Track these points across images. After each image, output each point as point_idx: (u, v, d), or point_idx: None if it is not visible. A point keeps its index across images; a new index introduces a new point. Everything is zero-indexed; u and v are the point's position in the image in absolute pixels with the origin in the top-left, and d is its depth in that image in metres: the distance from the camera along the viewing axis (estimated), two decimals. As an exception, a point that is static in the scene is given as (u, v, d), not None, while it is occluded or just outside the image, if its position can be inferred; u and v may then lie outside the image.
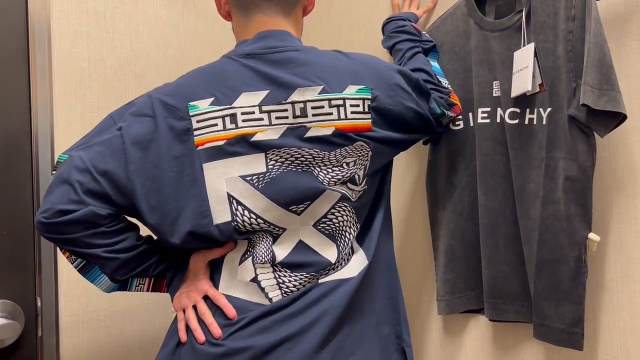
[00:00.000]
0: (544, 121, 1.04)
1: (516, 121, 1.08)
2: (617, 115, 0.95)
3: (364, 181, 0.93)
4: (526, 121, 1.07)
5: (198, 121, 0.87)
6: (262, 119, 0.87)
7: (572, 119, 1.00)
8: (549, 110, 1.04)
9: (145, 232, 0.94)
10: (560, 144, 1.02)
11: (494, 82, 1.12)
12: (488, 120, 1.13)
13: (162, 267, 0.95)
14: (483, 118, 1.13)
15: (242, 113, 0.87)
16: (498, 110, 1.12)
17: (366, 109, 0.90)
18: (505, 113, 1.10)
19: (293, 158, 0.87)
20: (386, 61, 0.99)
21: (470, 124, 1.17)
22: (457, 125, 1.18)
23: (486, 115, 1.13)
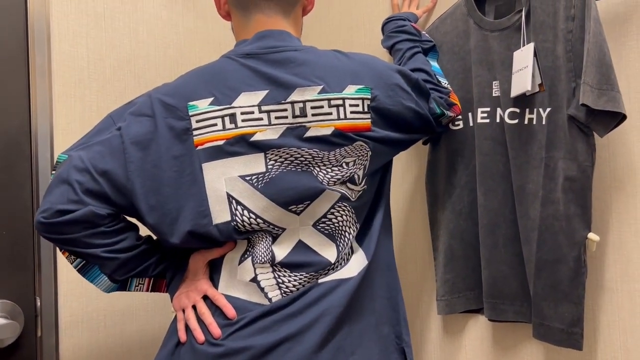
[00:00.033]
0: (544, 121, 1.04)
1: (516, 121, 1.08)
2: (617, 115, 0.95)
3: (364, 181, 0.93)
4: (526, 121, 1.07)
5: (197, 121, 0.87)
6: (262, 119, 0.87)
7: (572, 119, 1.00)
8: (549, 110, 1.04)
9: (144, 232, 0.94)
10: (559, 144, 1.02)
11: (494, 82, 1.12)
12: (487, 120, 1.13)
13: (162, 267, 0.95)
14: (482, 118, 1.13)
15: (242, 113, 0.87)
16: (497, 110, 1.12)
17: (366, 109, 0.90)
18: (504, 113, 1.10)
19: (292, 158, 0.87)
20: (386, 61, 0.99)
21: (469, 124, 1.17)
22: (457, 125, 1.18)
23: (486, 115, 1.13)
